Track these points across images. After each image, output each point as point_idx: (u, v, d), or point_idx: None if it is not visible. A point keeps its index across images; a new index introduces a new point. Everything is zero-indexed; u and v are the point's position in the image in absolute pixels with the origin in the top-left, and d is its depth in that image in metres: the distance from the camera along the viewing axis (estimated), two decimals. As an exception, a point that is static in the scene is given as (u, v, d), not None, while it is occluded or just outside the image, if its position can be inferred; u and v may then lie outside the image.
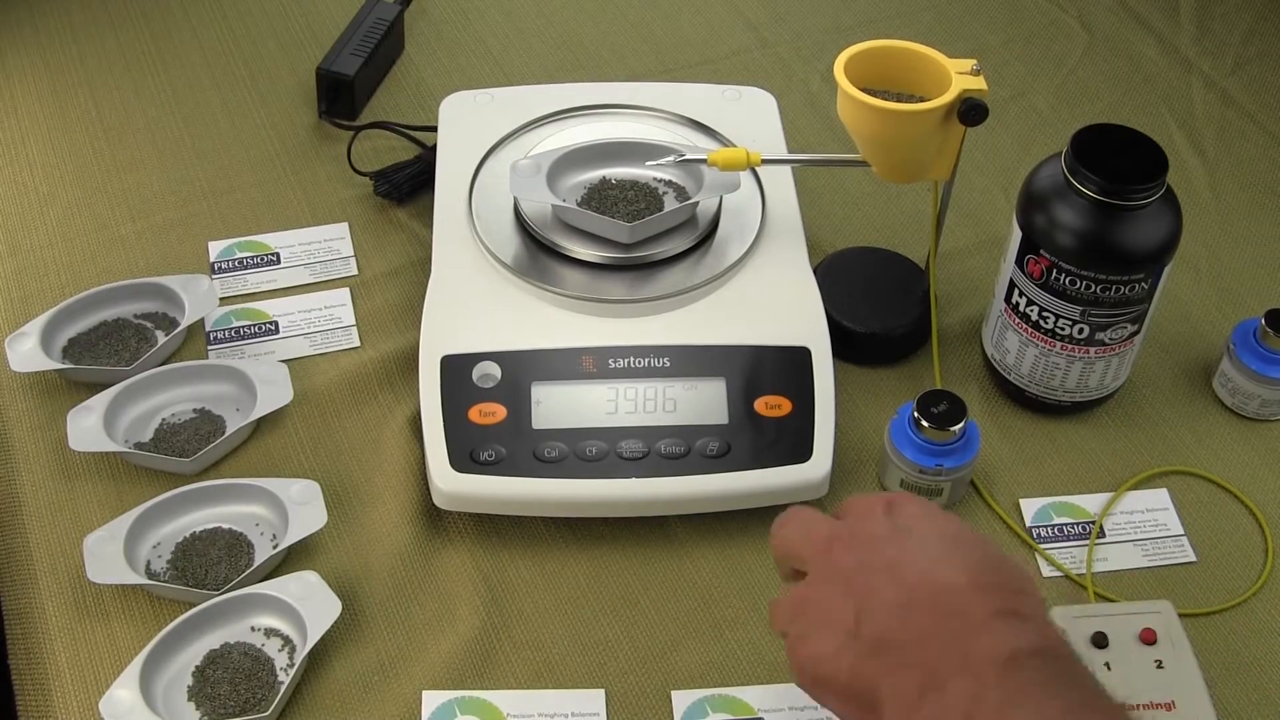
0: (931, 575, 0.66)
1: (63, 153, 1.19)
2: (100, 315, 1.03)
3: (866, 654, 0.65)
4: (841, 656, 0.66)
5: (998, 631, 0.62)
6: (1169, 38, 1.35)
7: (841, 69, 0.93)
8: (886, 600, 0.66)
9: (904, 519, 0.70)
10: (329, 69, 1.20)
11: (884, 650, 0.65)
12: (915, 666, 0.63)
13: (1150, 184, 0.90)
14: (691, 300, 0.96)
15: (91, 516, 0.93)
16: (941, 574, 0.66)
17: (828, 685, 0.67)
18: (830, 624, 0.67)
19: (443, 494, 0.90)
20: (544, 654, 0.87)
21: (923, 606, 0.65)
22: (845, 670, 0.66)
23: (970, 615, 0.63)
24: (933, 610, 0.64)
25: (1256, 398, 1.01)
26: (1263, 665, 0.88)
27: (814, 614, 0.68)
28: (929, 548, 0.67)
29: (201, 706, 0.83)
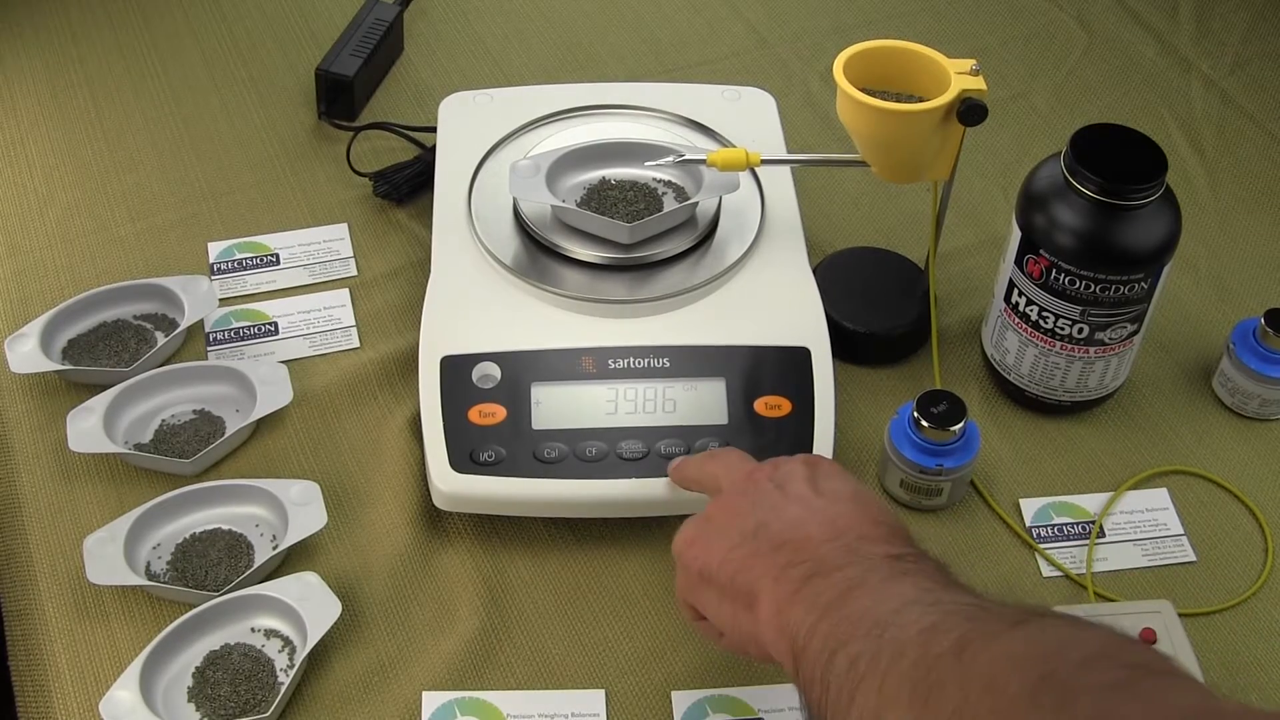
0: (834, 507, 0.72)
1: (62, 154, 1.19)
2: (100, 316, 1.03)
3: (760, 552, 0.70)
4: (734, 551, 0.71)
5: (886, 543, 0.69)
6: (1168, 37, 1.35)
7: (841, 69, 0.93)
8: (788, 515, 0.72)
9: (821, 466, 0.76)
10: (328, 70, 1.20)
11: (778, 550, 0.70)
12: (805, 562, 0.68)
13: (1149, 184, 0.90)
14: (691, 301, 0.96)
15: (91, 517, 0.93)
16: (843, 510, 0.72)
17: (713, 577, 0.72)
18: (731, 528, 0.73)
19: (442, 495, 0.90)
20: (544, 654, 0.88)
21: (820, 522, 0.71)
22: (734, 563, 0.71)
23: (863, 532, 0.70)
24: (830, 527, 0.70)
25: (1256, 397, 1.01)
26: (1263, 665, 0.88)
27: (718, 521, 0.74)
28: (840, 490, 0.74)
29: (202, 707, 0.83)
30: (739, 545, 0.72)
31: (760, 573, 0.69)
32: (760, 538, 0.71)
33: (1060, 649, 0.55)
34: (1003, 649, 0.56)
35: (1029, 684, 0.53)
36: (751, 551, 0.71)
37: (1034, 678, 0.53)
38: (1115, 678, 0.53)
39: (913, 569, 0.66)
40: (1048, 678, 0.53)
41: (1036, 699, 0.52)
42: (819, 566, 0.67)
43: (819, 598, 0.65)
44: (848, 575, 0.66)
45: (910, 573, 0.65)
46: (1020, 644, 0.56)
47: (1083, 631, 0.57)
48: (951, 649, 0.57)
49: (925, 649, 0.58)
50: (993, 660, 0.55)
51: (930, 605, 0.61)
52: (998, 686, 0.54)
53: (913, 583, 0.64)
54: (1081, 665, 0.54)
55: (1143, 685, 0.52)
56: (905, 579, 0.65)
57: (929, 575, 0.65)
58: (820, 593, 0.65)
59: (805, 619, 0.65)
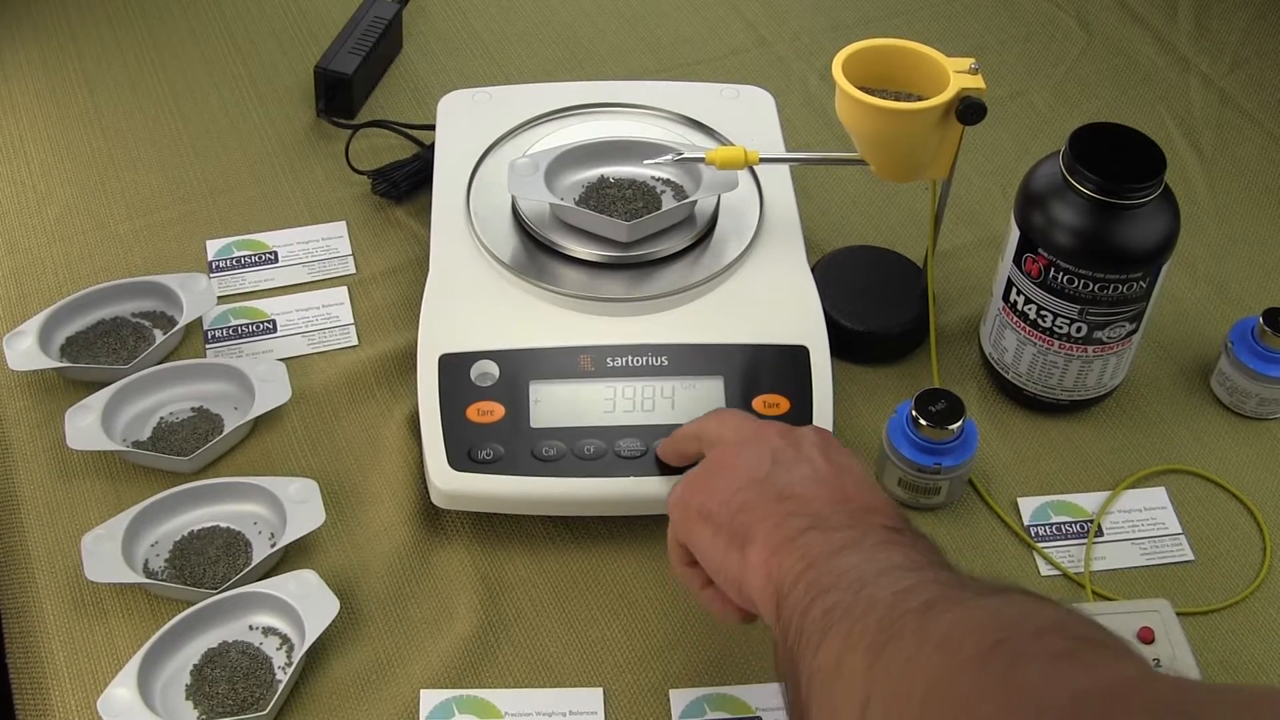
0: (843, 479, 0.74)
1: (60, 151, 1.19)
2: (98, 314, 1.03)
3: (765, 497, 0.72)
4: (740, 493, 0.73)
5: (887, 519, 0.71)
6: (1167, 37, 1.35)
7: (839, 68, 0.93)
8: (801, 472, 0.74)
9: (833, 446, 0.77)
10: (327, 68, 1.20)
11: (783, 500, 0.71)
12: (808, 515, 0.71)
13: (1148, 183, 0.90)
14: (690, 299, 0.96)
15: (89, 515, 0.93)
16: (851, 483, 0.74)
17: (712, 515, 0.73)
18: (739, 472, 0.74)
19: (441, 493, 0.90)
20: (542, 652, 0.88)
21: (832, 487, 0.73)
22: (737, 503, 0.73)
23: (869, 504, 0.72)
24: (839, 491, 0.73)
25: (1254, 396, 1.01)
26: (1261, 664, 0.88)
27: (726, 464, 0.76)
28: (852, 468, 0.76)
29: (200, 705, 0.83)
30: (745, 487, 0.73)
31: (761, 516, 0.71)
32: (768, 484, 0.73)
33: (1019, 620, 0.58)
34: (965, 613, 0.59)
35: (983, 648, 0.56)
36: (757, 495, 0.73)
37: (989, 642, 0.56)
38: (1063, 647, 0.56)
39: (906, 542, 0.68)
40: (1001, 644, 0.56)
41: (986, 661, 0.55)
42: (818, 522, 0.70)
43: (811, 549, 0.68)
44: (843, 535, 0.68)
45: (902, 545, 0.68)
46: (982, 611, 0.59)
47: (1043, 607, 0.60)
48: (918, 608, 0.60)
49: (894, 606, 0.61)
50: (954, 622, 0.59)
51: (911, 571, 0.64)
52: (952, 645, 0.57)
53: (903, 553, 0.67)
54: (1034, 635, 0.57)
55: (1086, 655, 0.55)
56: (896, 548, 0.67)
57: (921, 550, 0.68)
58: (813, 545, 0.68)
59: (794, 566, 0.67)
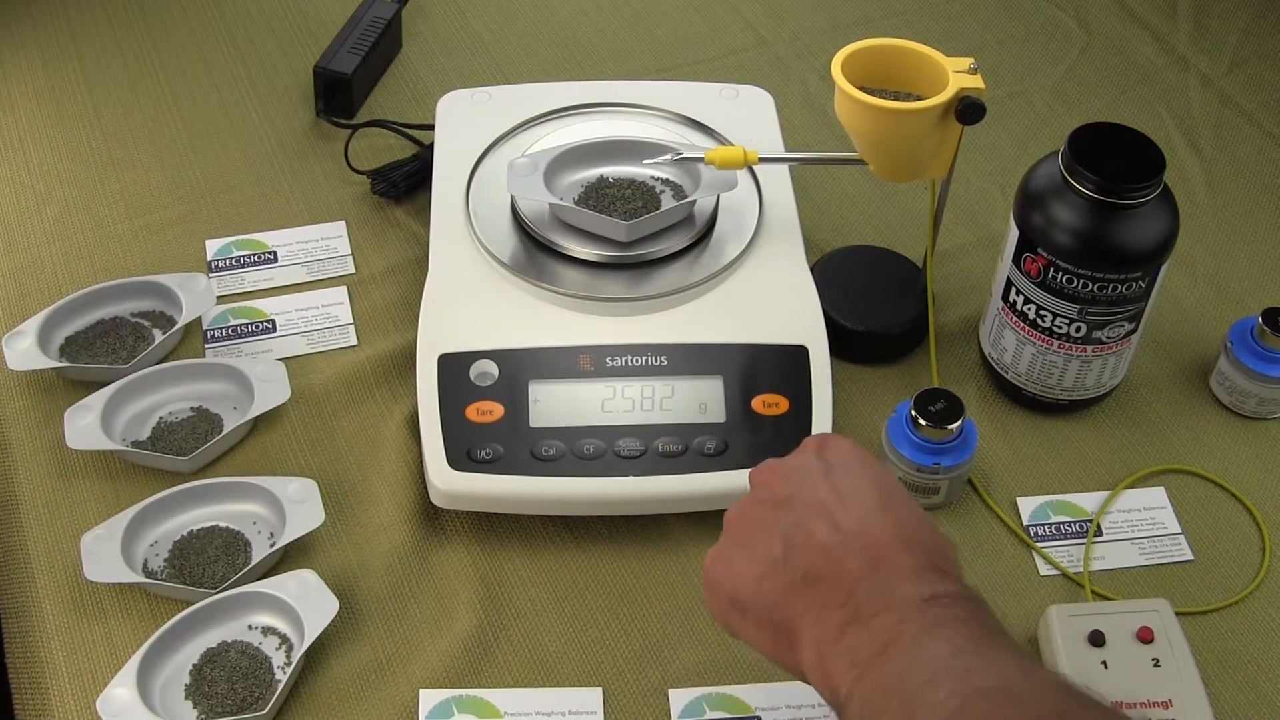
0: (864, 524, 0.69)
1: (60, 151, 1.19)
2: (97, 313, 1.03)
3: (793, 586, 0.68)
4: (765, 582, 0.69)
5: (922, 580, 0.67)
6: (1166, 37, 1.35)
7: (839, 67, 0.93)
8: (819, 540, 0.69)
9: (834, 456, 0.74)
10: (326, 67, 1.20)
11: (812, 585, 0.68)
12: (841, 604, 0.67)
13: (1147, 183, 0.90)
14: (689, 299, 0.96)
15: (89, 515, 0.93)
16: (874, 526, 0.69)
17: (745, 608, 0.70)
18: (756, 548, 0.70)
19: (440, 492, 0.90)
20: (541, 652, 0.88)
21: (854, 552, 0.68)
22: (769, 596, 0.69)
23: (897, 566, 0.67)
24: (863, 558, 0.68)
25: (1254, 396, 1.01)
26: (1260, 663, 0.88)
27: (740, 536, 0.72)
28: (863, 495, 0.71)
29: (199, 705, 0.83)
30: (769, 574, 0.70)
31: (799, 611, 0.68)
32: (791, 566, 0.69)
33: None
34: None
35: None
36: (785, 584, 0.69)
37: None
38: None
39: (945, 616, 0.65)
40: None
41: None
42: (856, 612, 0.66)
43: (859, 652, 0.65)
44: (884, 625, 0.65)
45: (943, 622, 0.64)
46: None
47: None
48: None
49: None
50: None
51: (959, 679, 0.61)
52: None
53: (946, 639, 0.63)
54: None
55: None
56: (939, 635, 0.64)
57: (962, 626, 0.64)
58: (859, 647, 0.65)
59: (846, 674, 0.65)
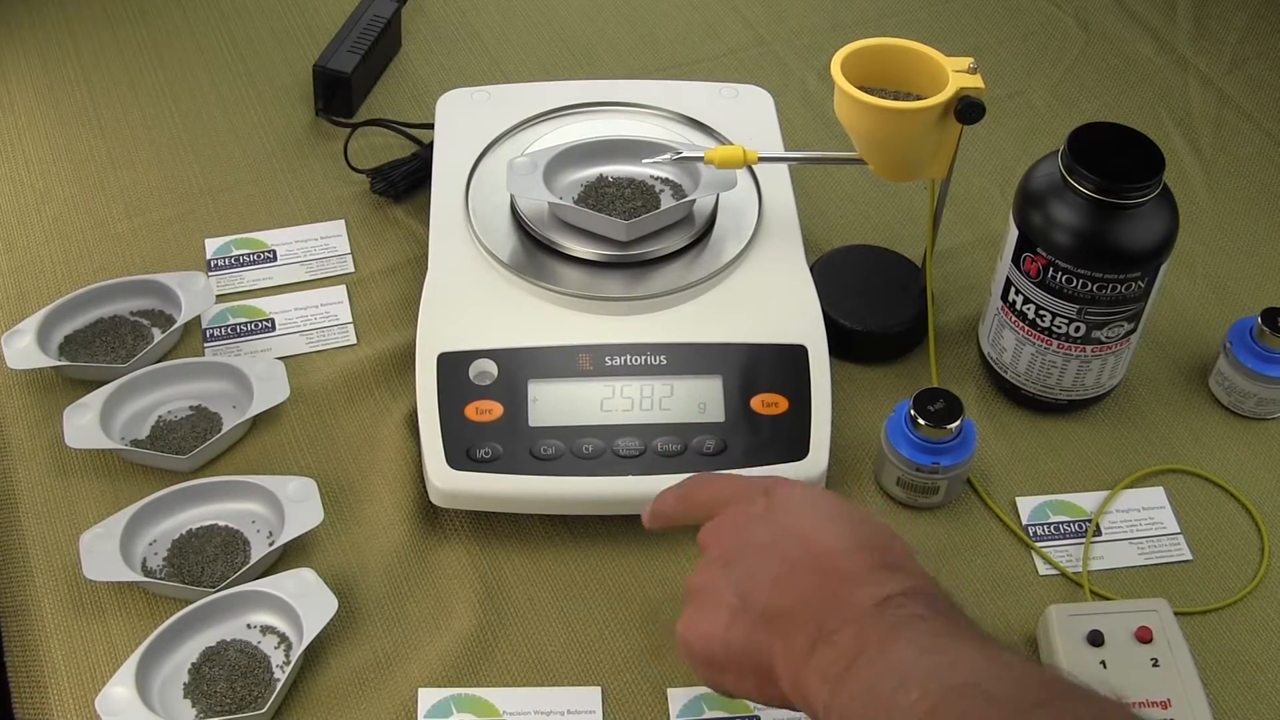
0: (808, 545, 0.70)
1: (59, 149, 1.19)
2: (97, 312, 1.03)
3: (756, 625, 0.69)
4: (731, 631, 0.70)
5: (874, 582, 0.67)
6: (1166, 36, 1.35)
7: (838, 67, 0.93)
8: (768, 575, 0.69)
9: (777, 497, 0.73)
10: (326, 66, 1.20)
11: (772, 619, 0.68)
12: (804, 627, 0.67)
13: (1147, 182, 0.90)
14: (688, 298, 0.96)
15: (88, 514, 0.93)
16: (817, 541, 0.70)
17: (723, 663, 0.71)
18: (717, 605, 0.71)
19: (439, 491, 0.90)
20: (540, 651, 0.88)
21: (804, 573, 0.69)
22: (738, 642, 0.69)
23: (847, 573, 0.68)
24: (813, 574, 0.68)
25: (1253, 396, 1.01)
26: (1259, 663, 0.88)
27: (700, 600, 0.72)
28: (803, 520, 0.71)
29: (198, 704, 0.83)
30: (731, 623, 0.70)
31: (766, 647, 0.68)
32: (750, 608, 0.69)
33: None
34: None
35: None
36: (749, 626, 0.69)
37: None
38: None
39: (905, 617, 0.65)
40: None
41: None
42: (818, 631, 0.66)
43: (828, 670, 0.65)
44: (847, 638, 0.65)
45: (905, 624, 0.64)
46: None
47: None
48: None
49: None
50: None
51: (928, 679, 0.61)
52: None
53: (909, 640, 0.63)
54: None
55: None
56: (902, 637, 0.64)
57: (922, 624, 0.65)
58: (828, 665, 0.65)
59: (820, 693, 0.65)
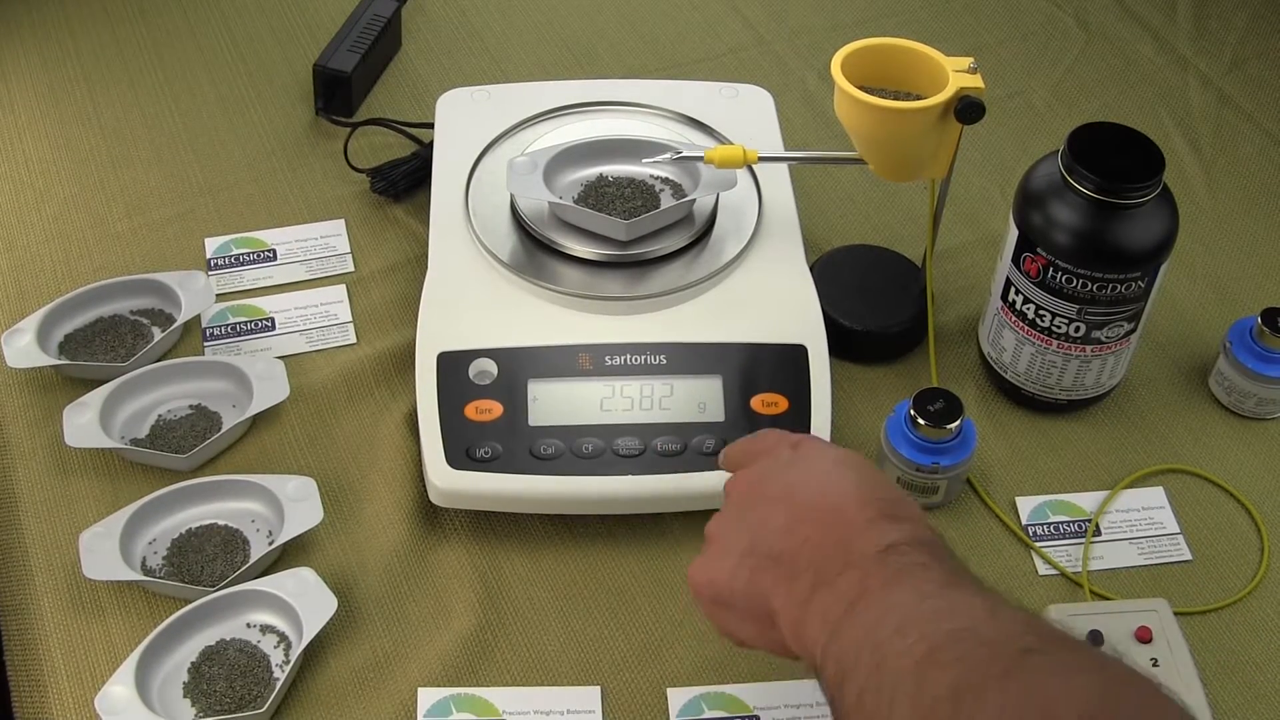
0: (819, 494, 0.72)
1: (59, 149, 1.19)
2: (96, 311, 1.03)
3: (760, 567, 0.70)
4: (737, 573, 0.71)
5: (878, 531, 0.68)
6: (1166, 36, 1.35)
7: (838, 67, 0.93)
8: (777, 524, 0.71)
9: (802, 452, 0.76)
10: (326, 65, 1.20)
11: (777, 562, 0.70)
12: (806, 571, 0.68)
13: (1147, 182, 0.90)
14: (688, 298, 0.96)
15: (87, 513, 0.93)
16: (826, 494, 0.71)
17: (728, 604, 0.72)
18: (728, 548, 0.73)
19: (439, 491, 0.90)
20: (540, 651, 0.88)
21: (811, 520, 0.70)
22: (742, 583, 0.71)
23: (852, 521, 0.69)
24: (819, 523, 0.70)
25: (1253, 396, 1.01)
26: (1258, 663, 0.88)
27: (714, 544, 0.75)
28: (816, 472, 0.73)
29: (197, 703, 0.83)
30: (740, 565, 0.72)
31: (769, 588, 0.70)
32: (757, 552, 0.71)
33: (1054, 708, 0.56)
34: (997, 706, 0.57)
35: None
36: (753, 568, 0.71)
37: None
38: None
39: (906, 565, 0.66)
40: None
41: None
42: (820, 575, 0.67)
43: (828, 614, 0.66)
44: (849, 582, 0.66)
45: (905, 571, 0.65)
46: (1015, 701, 0.57)
47: (1075, 683, 0.57)
48: (948, 696, 0.58)
49: (920, 689, 0.59)
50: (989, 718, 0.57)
51: (926, 623, 0.62)
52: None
53: (910, 586, 0.65)
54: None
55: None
56: (903, 584, 0.65)
57: (922, 571, 0.66)
58: (828, 608, 0.66)
59: (818, 638, 0.66)
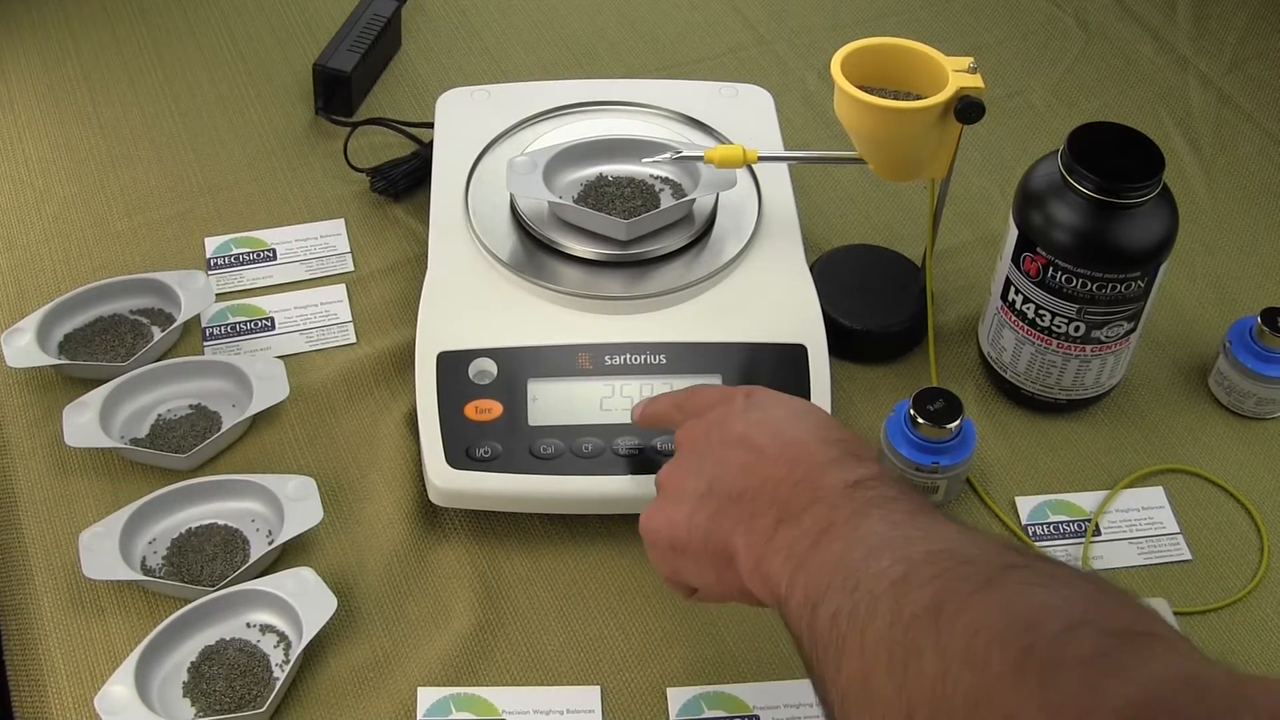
0: (779, 437, 0.71)
1: (59, 148, 1.19)
2: (96, 311, 1.03)
3: (720, 509, 0.70)
4: (696, 515, 0.71)
5: (843, 468, 0.68)
6: (1165, 36, 1.35)
7: (838, 66, 0.93)
8: (738, 463, 0.71)
9: (755, 399, 0.76)
10: (326, 65, 1.20)
11: (737, 501, 0.69)
12: (769, 509, 0.67)
13: (1146, 182, 0.90)
14: (688, 297, 0.96)
15: (87, 512, 0.93)
16: (788, 433, 0.71)
17: (684, 548, 0.72)
18: (683, 492, 0.72)
19: (438, 490, 0.90)
20: (539, 650, 0.88)
21: (772, 459, 0.70)
22: (700, 526, 0.70)
23: (816, 459, 0.69)
24: (780, 460, 0.69)
25: (1252, 396, 1.01)
26: (1258, 663, 0.88)
27: (668, 489, 0.74)
28: (775, 416, 0.73)
29: (197, 703, 0.83)
30: (698, 508, 0.71)
31: (729, 528, 0.69)
32: (716, 493, 0.70)
33: (1039, 617, 0.54)
34: (980, 615, 0.55)
35: (1010, 660, 0.53)
36: (714, 510, 0.70)
37: (1015, 652, 0.53)
38: (1096, 648, 0.52)
39: (875, 497, 0.65)
40: (1028, 651, 0.53)
41: (1019, 675, 0.52)
42: (784, 511, 0.67)
43: (793, 547, 0.65)
44: (815, 517, 0.65)
45: (874, 503, 0.65)
46: (997, 610, 0.55)
47: (1060, 594, 0.56)
48: (926, 611, 0.56)
49: (899, 607, 0.58)
50: (970, 629, 0.55)
51: (900, 548, 0.61)
52: (978, 661, 0.54)
53: (880, 516, 0.64)
54: (1061, 636, 0.53)
55: (1125, 655, 0.52)
56: (871, 513, 0.64)
57: (892, 503, 0.65)
58: (794, 541, 0.65)
59: (783, 570, 0.65)
